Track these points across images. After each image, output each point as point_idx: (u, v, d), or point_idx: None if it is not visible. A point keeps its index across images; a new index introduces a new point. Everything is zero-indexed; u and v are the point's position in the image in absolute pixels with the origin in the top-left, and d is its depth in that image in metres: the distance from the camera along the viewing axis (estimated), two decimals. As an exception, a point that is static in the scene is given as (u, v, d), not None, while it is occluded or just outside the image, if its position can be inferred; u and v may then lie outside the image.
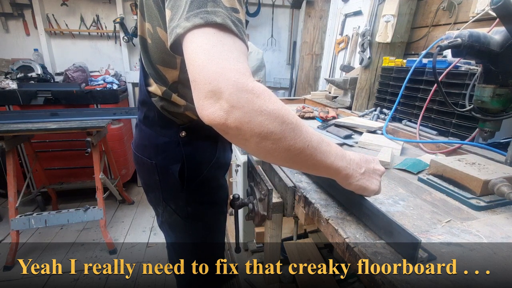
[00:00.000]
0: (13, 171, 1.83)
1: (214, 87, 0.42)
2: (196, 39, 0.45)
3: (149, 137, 0.77)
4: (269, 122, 0.44)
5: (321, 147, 0.50)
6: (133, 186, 3.06)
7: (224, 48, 0.45)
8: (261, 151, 0.47)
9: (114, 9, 2.81)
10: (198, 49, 0.45)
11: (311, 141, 0.48)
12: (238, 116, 0.42)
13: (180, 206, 0.82)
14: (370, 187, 0.58)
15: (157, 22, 0.62)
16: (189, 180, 0.78)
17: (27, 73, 2.48)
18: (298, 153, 0.48)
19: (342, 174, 0.56)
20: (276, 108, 0.45)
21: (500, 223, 0.58)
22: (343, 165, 0.55)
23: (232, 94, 0.42)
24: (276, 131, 0.44)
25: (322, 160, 0.51)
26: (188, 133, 0.74)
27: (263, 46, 3.37)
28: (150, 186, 0.83)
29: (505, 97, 0.75)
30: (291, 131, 0.46)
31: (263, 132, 0.44)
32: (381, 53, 1.61)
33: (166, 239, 0.96)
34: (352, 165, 0.57)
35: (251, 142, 0.45)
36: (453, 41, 0.71)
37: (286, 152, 0.47)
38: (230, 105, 0.42)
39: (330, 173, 0.55)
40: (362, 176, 0.58)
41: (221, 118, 0.42)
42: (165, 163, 0.76)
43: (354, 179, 0.57)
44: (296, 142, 0.46)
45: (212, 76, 0.42)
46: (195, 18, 0.45)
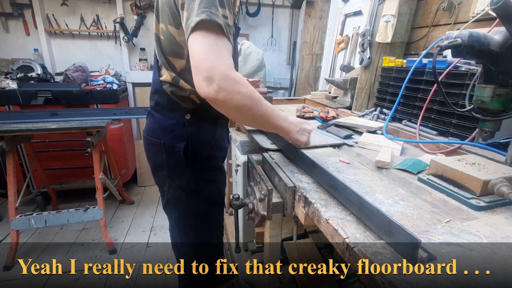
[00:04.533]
0: (13, 171, 1.83)
1: (210, 74, 0.66)
2: (199, 39, 0.67)
3: (159, 120, 0.93)
4: (243, 99, 0.70)
5: (272, 114, 0.81)
6: (133, 186, 3.06)
7: (217, 48, 0.67)
8: (236, 116, 0.79)
9: (114, 9, 2.81)
10: (200, 47, 0.67)
11: (267, 110, 0.79)
12: (224, 94, 0.67)
13: (184, 182, 0.96)
14: (301, 139, 0.93)
15: (169, 21, 0.80)
16: (192, 157, 0.93)
17: (27, 73, 2.48)
18: (259, 118, 0.78)
19: (285, 131, 0.88)
20: (248, 91, 0.71)
21: (500, 223, 0.58)
22: (286, 125, 0.87)
23: (221, 80, 0.66)
24: (247, 105, 0.72)
25: (273, 122, 0.83)
26: (192, 116, 0.90)
27: (263, 46, 3.37)
28: (158, 165, 0.98)
29: (505, 97, 0.75)
30: (256, 104, 0.74)
31: (239, 105, 0.70)
32: (381, 53, 1.61)
33: (169, 220, 1.09)
34: (291, 125, 0.89)
35: (230, 111, 0.73)
36: (453, 41, 0.71)
37: (251, 117, 0.77)
38: (219, 87, 0.66)
39: (278, 130, 0.88)
40: (297, 132, 0.91)
41: (213, 95, 0.67)
42: (172, 142, 0.91)
43: (292, 134, 0.90)
44: (258, 111, 0.76)
45: (209, 67, 0.66)
46: (202, 14, 0.65)
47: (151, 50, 3.03)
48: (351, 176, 0.83)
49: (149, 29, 2.96)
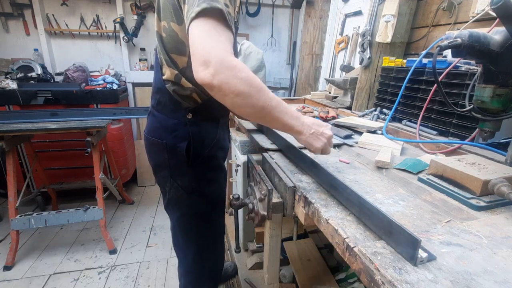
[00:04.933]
0: (13, 171, 1.83)
1: (206, 58, 0.62)
2: (198, 26, 0.65)
3: (161, 120, 0.92)
4: (240, 85, 0.64)
5: (278, 108, 0.71)
6: (133, 186, 3.06)
7: (215, 33, 0.65)
8: (235, 105, 0.67)
9: (114, 9, 2.81)
10: (198, 32, 0.65)
11: (271, 102, 0.69)
12: (220, 79, 0.62)
13: (186, 182, 0.95)
14: (315, 145, 0.77)
15: (171, 18, 0.80)
16: (194, 156, 0.92)
17: (27, 73, 2.48)
18: (260, 109, 0.68)
19: (294, 130, 0.75)
20: (246, 76, 0.64)
21: (500, 223, 0.58)
22: (296, 123, 0.74)
23: (217, 64, 0.62)
24: (245, 91, 0.64)
25: (278, 117, 0.72)
26: (194, 115, 0.90)
27: (263, 46, 3.37)
28: (159, 165, 0.97)
29: (505, 97, 0.75)
30: (256, 92, 0.66)
31: (236, 91, 0.64)
32: (381, 53, 1.61)
33: (171, 220, 1.08)
34: (304, 126, 0.76)
35: (228, 97, 0.65)
36: (453, 41, 0.71)
37: (251, 107, 0.67)
38: (215, 71, 0.62)
39: (286, 129, 0.75)
40: (311, 135, 0.76)
41: (209, 79, 0.63)
42: (174, 142, 0.90)
43: (304, 136, 0.76)
44: (259, 101, 0.67)
45: (205, 51, 0.63)
46: (203, 4, 0.64)
47: (151, 50, 3.03)
48: (351, 176, 0.83)
49: (149, 29, 2.96)
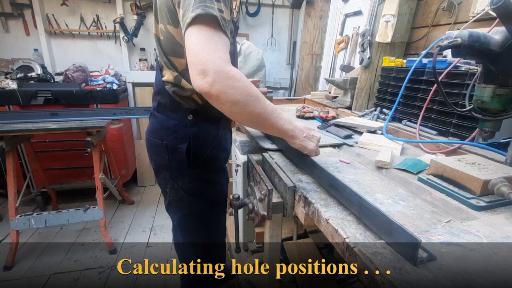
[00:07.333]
0: (13, 171, 1.83)
1: (204, 67, 0.64)
2: (195, 34, 0.66)
3: (162, 121, 0.92)
4: (237, 94, 0.67)
5: (273, 114, 0.76)
6: (133, 186, 3.06)
7: (212, 42, 0.66)
8: (232, 113, 0.71)
9: (114, 9, 2.81)
10: (195, 41, 0.66)
11: (266, 109, 0.74)
12: (218, 88, 0.65)
13: (186, 183, 0.95)
14: (308, 147, 0.84)
15: (167, 21, 0.79)
16: (194, 157, 0.92)
17: (27, 73, 2.48)
18: (257, 116, 0.73)
19: (289, 135, 0.82)
20: (243, 85, 0.67)
21: (500, 223, 0.58)
22: (290, 128, 0.81)
23: (215, 73, 0.64)
24: (241, 100, 0.68)
25: (274, 123, 0.77)
26: (195, 116, 0.90)
27: (263, 46, 3.37)
28: (160, 166, 0.96)
29: (505, 97, 0.75)
30: (253, 101, 0.70)
31: (233, 100, 0.67)
32: (381, 53, 1.61)
33: (172, 221, 1.09)
34: (297, 130, 0.83)
35: (225, 106, 0.68)
36: (453, 41, 0.71)
37: (248, 115, 0.71)
38: (213, 81, 0.64)
39: (281, 133, 0.81)
40: (304, 139, 0.84)
41: (207, 88, 0.65)
42: (174, 143, 0.90)
43: (298, 140, 0.83)
44: (255, 109, 0.71)
45: (203, 60, 0.64)
46: (197, 9, 0.64)
47: (151, 50, 3.03)
48: (351, 176, 0.83)
49: (149, 29, 2.96)
